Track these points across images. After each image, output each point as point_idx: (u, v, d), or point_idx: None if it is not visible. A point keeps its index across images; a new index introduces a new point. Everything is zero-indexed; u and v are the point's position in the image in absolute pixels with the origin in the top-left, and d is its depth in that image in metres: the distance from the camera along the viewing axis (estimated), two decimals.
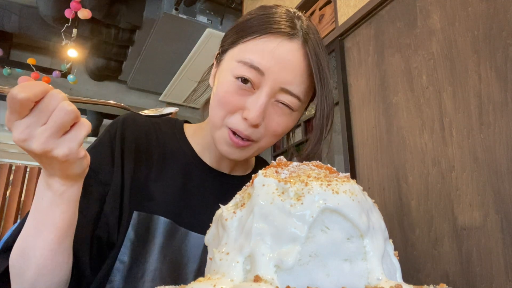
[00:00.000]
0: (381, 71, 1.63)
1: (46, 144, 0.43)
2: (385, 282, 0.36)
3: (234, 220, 0.41)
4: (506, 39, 1.16)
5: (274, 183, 0.40)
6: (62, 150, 0.44)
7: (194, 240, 0.69)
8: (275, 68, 0.64)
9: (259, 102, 0.64)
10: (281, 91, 0.65)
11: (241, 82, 0.65)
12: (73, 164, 0.47)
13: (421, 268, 1.31)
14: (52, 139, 0.43)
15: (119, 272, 0.64)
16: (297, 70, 0.66)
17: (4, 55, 4.21)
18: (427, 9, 1.46)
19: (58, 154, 0.44)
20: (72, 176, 0.49)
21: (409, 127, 1.46)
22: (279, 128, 0.68)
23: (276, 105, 0.67)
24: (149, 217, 0.67)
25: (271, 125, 0.67)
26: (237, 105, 0.66)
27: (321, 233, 0.37)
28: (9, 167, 4.24)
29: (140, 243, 0.66)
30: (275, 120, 0.67)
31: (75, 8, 3.19)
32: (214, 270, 0.39)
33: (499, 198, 1.11)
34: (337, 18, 1.95)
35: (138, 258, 0.65)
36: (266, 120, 0.66)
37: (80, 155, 0.47)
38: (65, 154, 0.44)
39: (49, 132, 0.43)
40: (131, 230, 0.65)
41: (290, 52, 0.66)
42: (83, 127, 0.46)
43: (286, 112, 0.68)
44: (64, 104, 0.43)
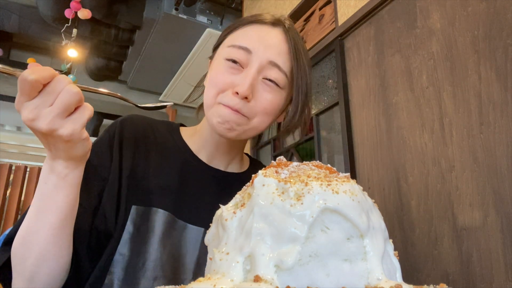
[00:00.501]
0: (381, 71, 1.63)
1: (52, 123, 0.46)
2: (385, 282, 0.36)
3: (234, 220, 0.41)
4: (506, 39, 1.16)
5: (274, 183, 0.40)
6: (67, 130, 0.48)
7: (193, 232, 0.72)
8: (261, 46, 0.71)
9: (248, 76, 0.69)
10: (269, 65, 0.71)
11: (231, 62, 0.71)
12: (76, 145, 0.50)
13: (421, 268, 1.31)
14: (58, 119, 0.47)
15: (119, 264, 0.66)
16: (280, 48, 0.72)
17: (4, 55, 4.21)
18: (427, 9, 1.46)
19: (63, 133, 0.48)
20: (75, 158, 0.53)
21: (409, 127, 1.46)
22: (269, 104, 0.71)
23: (265, 83, 0.72)
24: (148, 210, 0.70)
25: (261, 101, 0.71)
26: (227, 83, 0.70)
27: (321, 233, 0.37)
28: (9, 167, 4.25)
29: (139, 235, 0.68)
30: (264, 97, 0.71)
31: (75, 8, 3.19)
32: (214, 270, 0.39)
33: (499, 198, 1.11)
34: (337, 18, 1.95)
35: (138, 249, 0.67)
36: (256, 97, 0.70)
37: (83, 136, 0.50)
38: (69, 133, 0.48)
39: (55, 112, 0.46)
40: (130, 223, 0.68)
41: (274, 35, 0.73)
42: (86, 110, 0.50)
43: (274, 89, 0.72)
44: (70, 87, 0.47)
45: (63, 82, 0.47)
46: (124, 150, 0.74)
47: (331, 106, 1.92)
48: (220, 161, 0.82)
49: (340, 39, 1.91)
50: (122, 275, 0.65)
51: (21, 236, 0.56)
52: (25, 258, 0.56)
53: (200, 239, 0.72)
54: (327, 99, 2.00)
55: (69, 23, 3.38)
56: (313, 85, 2.13)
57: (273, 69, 0.71)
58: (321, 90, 2.06)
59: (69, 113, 0.48)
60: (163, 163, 0.76)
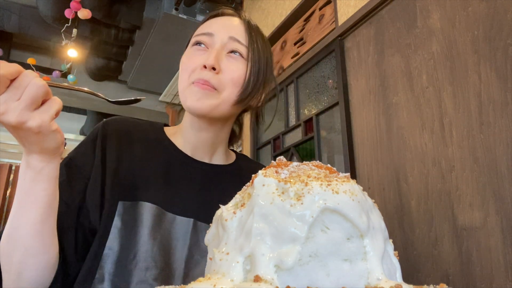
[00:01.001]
0: (381, 71, 1.63)
1: (21, 116, 0.48)
2: (385, 282, 0.36)
3: (234, 220, 0.41)
4: (506, 39, 1.16)
5: (274, 183, 0.40)
6: (35, 122, 0.49)
7: (182, 224, 0.73)
8: (221, 28, 0.79)
9: (212, 51, 0.76)
10: (230, 40, 0.78)
11: (197, 46, 0.79)
12: (47, 137, 0.52)
13: (421, 268, 1.31)
14: (26, 111, 0.49)
15: (109, 258, 0.67)
16: (238, 28, 0.80)
17: (4, 55, 4.21)
18: (427, 9, 1.46)
19: (32, 125, 0.49)
20: (48, 151, 0.54)
21: (409, 127, 1.46)
22: (235, 74, 0.76)
23: (230, 56, 0.78)
24: (135, 204, 0.71)
25: (228, 72, 0.76)
26: (195, 63, 0.76)
27: (321, 233, 0.37)
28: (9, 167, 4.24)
29: (128, 229, 0.69)
30: (231, 68, 0.76)
31: (75, 8, 3.19)
32: (214, 270, 0.39)
33: (499, 198, 1.11)
34: (337, 18, 1.95)
35: (128, 243, 0.68)
36: (223, 69, 0.76)
37: (52, 128, 0.52)
38: (38, 125, 0.50)
39: (23, 105, 0.48)
40: (117, 219, 0.69)
41: (232, 19, 0.82)
42: (54, 103, 0.52)
43: (238, 59, 0.78)
44: (36, 80, 0.49)
45: (29, 77, 0.49)
46: (107, 149, 0.76)
47: (331, 106, 1.92)
48: (204, 153, 0.84)
49: (340, 39, 1.91)
50: (113, 268, 0.66)
51: (6, 233, 0.58)
52: (11, 255, 0.57)
53: (189, 230, 0.73)
54: (327, 99, 2.00)
55: (69, 23, 3.38)
56: (313, 85, 2.13)
57: (234, 43, 0.78)
58: (321, 90, 2.06)
59: (37, 106, 0.50)
60: (148, 158, 0.78)
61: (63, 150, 0.57)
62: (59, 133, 0.54)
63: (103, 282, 0.65)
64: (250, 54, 0.78)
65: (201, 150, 0.84)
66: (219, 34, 0.78)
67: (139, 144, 0.80)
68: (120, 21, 3.85)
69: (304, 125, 2.12)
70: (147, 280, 0.66)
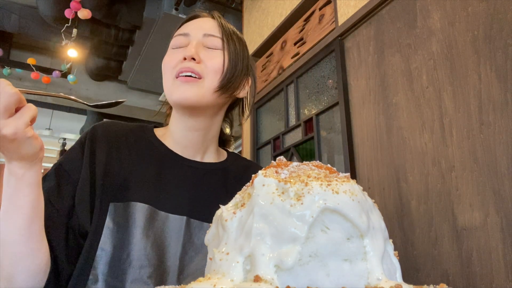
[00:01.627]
0: (381, 71, 1.63)
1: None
2: (385, 282, 0.36)
3: (234, 221, 0.41)
4: (506, 39, 1.16)
5: (274, 183, 0.40)
6: (10, 129, 0.49)
7: (175, 221, 0.74)
8: (194, 27, 0.83)
9: (191, 45, 0.80)
10: (205, 36, 0.82)
11: (176, 48, 0.82)
12: (23, 144, 0.52)
13: (421, 268, 1.31)
14: (1, 118, 0.49)
15: (102, 259, 0.67)
16: (211, 25, 0.84)
17: (4, 55, 4.21)
18: (427, 9, 1.46)
19: (6, 132, 0.49)
20: (27, 157, 0.54)
21: (409, 127, 1.46)
22: (216, 63, 0.79)
23: (207, 49, 0.81)
24: (127, 205, 0.72)
25: (209, 62, 0.79)
26: (176, 59, 0.79)
27: (321, 233, 0.37)
28: None
29: (121, 230, 0.69)
30: (210, 58, 0.80)
31: (75, 8, 3.19)
32: (214, 270, 0.39)
33: (499, 198, 1.11)
34: (337, 18, 1.95)
35: (121, 243, 0.69)
36: (203, 60, 0.79)
37: (27, 134, 0.52)
38: (12, 132, 0.50)
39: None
40: (109, 220, 0.70)
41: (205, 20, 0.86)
42: (28, 110, 0.52)
43: (215, 51, 0.82)
44: (6, 88, 0.49)
45: (1, 86, 0.49)
46: (97, 152, 0.77)
47: (331, 106, 1.92)
48: (195, 152, 0.85)
49: (340, 39, 1.91)
50: (106, 269, 0.66)
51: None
52: (0, 260, 0.58)
53: (183, 227, 0.74)
54: (327, 99, 2.00)
55: (69, 23, 3.38)
56: (313, 85, 2.13)
57: (209, 38, 0.82)
58: (321, 90, 2.06)
59: (10, 114, 0.50)
60: (138, 159, 0.79)
61: (42, 156, 0.58)
62: (36, 139, 0.54)
63: (97, 282, 0.65)
64: (225, 45, 0.82)
65: (192, 149, 0.85)
66: (195, 33, 0.82)
67: (128, 146, 0.81)
68: (120, 21, 3.85)
69: (304, 125, 2.12)
70: (141, 278, 0.67)
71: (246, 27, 3.01)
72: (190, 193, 0.79)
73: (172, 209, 0.75)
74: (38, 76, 4.02)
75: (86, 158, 0.75)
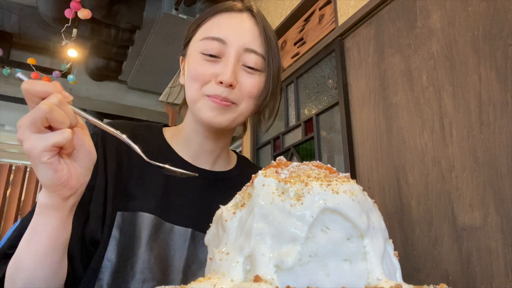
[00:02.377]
0: (381, 71, 1.63)
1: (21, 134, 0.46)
2: (385, 282, 0.36)
3: (234, 221, 0.41)
4: (506, 39, 1.16)
5: (274, 183, 0.40)
6: (27, 144, 0.46)
7: (180, 233, 0.72)
8: (234, 34, 0.73)
9: (228, 64, 0.71)
10: (246, 52, 0.73)
11: (208, 56, 0.72)
12: (37, 167, 0.47)
13: (421, 268, 1.31)
14: (27, 131, 0.46)
15: (107, 270, 0.65)
16: (253, 32, 0.74)
17: (4, 55, 4.21)
18: (427, 9, 1.46)
19: (25, 146, 0.46)
20: (46, 185, 0.50)
21: (409, 127, 1.46)
22: (253, 88, 0.73)
23: (245, 70, 0.74)
24: (133, 215, 0.70)
25: (245, 86, 0.73)
26: (209, 74, 0.72)
27: (321, 233, 0.37)
28: (9, 167, 4.24)
29: (126, 240, 0.68)
30: (247, 81, 0.73)
31: (75, 8, 3.18)
32: (214, 270, 0.39)
33: (499, 198, 1.11)
34: (337, 18, 1.95)
35: (126, 254, 0.67)
36: (239, 84, 0.73)
37: (42, 159, 0.46)
38: (29, 148, 0.46)
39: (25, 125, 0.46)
40: (116, 230, 0.68)
41: (243, 21, 0.75)
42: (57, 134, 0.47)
43: (255, 73, 0.74)
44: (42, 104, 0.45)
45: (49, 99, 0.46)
46: (108, 159, 0.74)
47: (331, 106, 1.92)
48: (205, 159, 0.81)
49: (340, 39, 1.91)
50: (110, 280, 0.65)
51: (13, 259, 0.56)
52: (14, 279, 0.56)
53: (187, 239, 0.72)
54: (327, 99, 2.00)
55: (69, 23, 3.37)
56: (313, 85, 2.13)
57: (250, 55, 0.73)
58: (321, 90, 2.06)
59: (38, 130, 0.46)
60: (146, 168, 0.75)
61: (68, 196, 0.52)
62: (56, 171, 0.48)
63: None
64: (266, 65, 0.75)
65: (203, 157, 0.81)
66: (233, 42, 0.72)
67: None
68: (120, 21, 3.85)
69: (304, 125, 2.12)
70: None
71: None
72: (197, 204, 0.76)
73: (177, 220, 0.73)
74: (38, 76, 4.01)
75: (99, 162, 0.72)
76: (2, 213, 4.51)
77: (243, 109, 0.74)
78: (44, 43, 4.47)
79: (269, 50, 0.75)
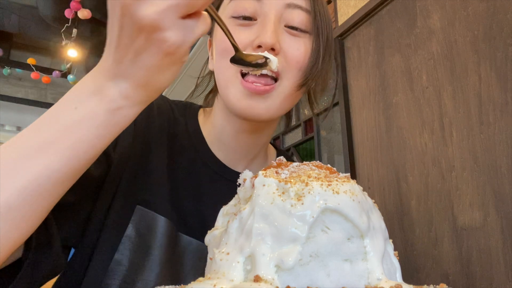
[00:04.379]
0: (381, 71, 1.63)
1: (163, 16, 0.33)
2: (385, 282, 0.36)
3: (234, 221, 0.41)
4: (506, 39, 1.16)
5: (274, 183, 0.40)
6: (176, 34, 0.35)
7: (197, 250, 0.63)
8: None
9: (267, 23, 0.57)
10: (288, 8, 0.58)
11: (241, 19, 0.58)
12: (171, 67, 0.38)
13: (421, 268, 1.31)
14: (170, 14, 0.34)
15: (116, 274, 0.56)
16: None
17: (4, 55, 4.21)
18: (427, 9, 1.46)
19: (171, 37, 0.35)
20: (152, 87, 0.39)
21: (409, 127, 1.46)
22: (300, 53, 0.59)
23: (288, 31, 0.59)
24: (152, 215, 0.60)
25: (291, 51, 0.58)
26: (244, 41, 0.57)
27: (321, 233, 0.37)
28: None
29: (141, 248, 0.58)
30: (293, 46, 0.58)
31: (75, 8, 3.19)
32: (214, 270, 0.39)
33: (499, 198, 1.11)
34: (337, 18, 1.95)
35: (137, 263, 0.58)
36: (283, 49, 0.58)
37: (185, 57, 0.38)
38: (178, 39, 0.35)
39: (169, 3, 0.33)
40: (131, 227, 0.57)
41: None
42: (202, 22, 0.37)
43: (300, 35, 0.60)
44: None
45: None
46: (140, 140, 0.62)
47: (331, 106, 1.92)
48: (241, 158, 0.68)
49: (340, 39, 1.91)
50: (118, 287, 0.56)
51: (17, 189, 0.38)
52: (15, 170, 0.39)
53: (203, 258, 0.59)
54: (327, 99, 2.00)
55: (69, 23, 3.38)
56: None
57: (294, 11, 0.59)
58: None
59: (184, 15, 0.35)
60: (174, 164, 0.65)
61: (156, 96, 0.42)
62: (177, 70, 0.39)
63: None
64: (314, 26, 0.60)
65: (238, 154, 0.68)
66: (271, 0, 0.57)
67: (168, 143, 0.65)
68: None
69: (304, 125, 2.12)
70: None
71: None
72: None
73: (197, 234, 0.62)
74: (38, 76, 4.02)
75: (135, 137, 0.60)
76: None
77: (286, 85, 0.59)
78: (44, 43, 4.47)
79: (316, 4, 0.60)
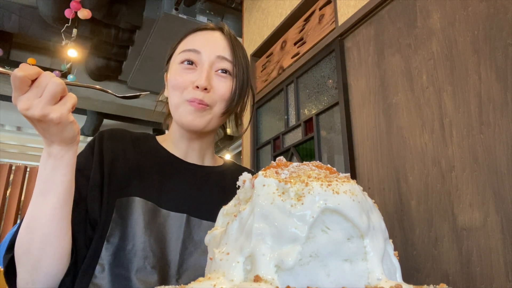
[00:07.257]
0: (381, 71, 1.63)
1: (43, 110, 0.56)
2: (385, 282, 0.36)
3: (234, 221, 0.41)
4: (506, 39, 1.16)
5: (274, 184, 0.40)
6: (56, 114, 0.57)
7: (176, 219, 0.80)
8: (207, 45, 0.86)
9: (203, 71, 0.83)
10: (218, 59, 0.85)
11: (185, 64, 0.85)
12: (66, 127, 0.60)
13: (421, 268, 1.31)
14: (47, 106, 0.56)
15: (109, 250, 0.73)
16: (223, 45, 0.87)
17: (4, 55, 4.21)
18: (427, 9, 1.46)
19: (53, 117, 0.57)
20: (67, 140, 0.62)
21: (409, 127, 1.46)
22: (225, 92, 0.84)
23: (218, 75, 0.85)
24: (132, 200, 0.78)
25: (219, 89, 0.84)
26: (187, 81, 0.83)
27: (321, 233, 0.37)
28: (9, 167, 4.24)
29: (125, 223, 0.76)
30: (221, 86, 0.84)
31: (75, 8, 3.19)
32: (214, 270, 0.39)
33: (499, 198, 1.11)
34: (337, 18, 1.95)
35: (126, 235, 0.75)
36: (213, 88, 0.84)
37: (70, 119, 0.60)
38: (58, 116, 0.57)
39: (44, 101, 0.56)
40: (116, 214, 0.76)
41: (215, 36, 0.89)
42: (70, 98, 0.60)
43: (227, 77, 0.86)
44: (54, 79, 0.57)
45: (49, 76, 0.57)
46: (104, 153, 0.84)
47: (331, 106, 1.92)
48: (195, 157, 0.92)
49: (340, 39, 1.91)
50: (112, 259, 0.72)
51: (25, 225, 0.63)
52: (29, 245, 0.62)
53: (183, 224, 0.80)
54: (327, 99, 2.00)
55: (69, 23, 3.38)
56: (313, 85, 2.13)
57: (222, 61, 0.85)
58: (321, 90, 2.06)
59: (56, 101, 0.57)
60: (142, 162, 0.86)
61: (79, 139, 0.65)
62: (75, 124, 0.62)
63: (103, 271, 0.71)
64: (235, 70, 0.86)
65: (192, 155, 0.92)
66: (206, 52, 0.85)
67: (133, 149, 0.88)
68: (120, 21, 3.85)
69: (304, 125, 2.12)
70: (146, 268, 0.72)
71: (246, 27, 3.01)
72: (190, 193, 0.85)
73: (173, 207, 0.81)
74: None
75: (95, 158, 0.82)
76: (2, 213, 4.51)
77: (217, 111, 0.84)
78: (44, 43, 4.47)
79: (236, 58, 0.86)
